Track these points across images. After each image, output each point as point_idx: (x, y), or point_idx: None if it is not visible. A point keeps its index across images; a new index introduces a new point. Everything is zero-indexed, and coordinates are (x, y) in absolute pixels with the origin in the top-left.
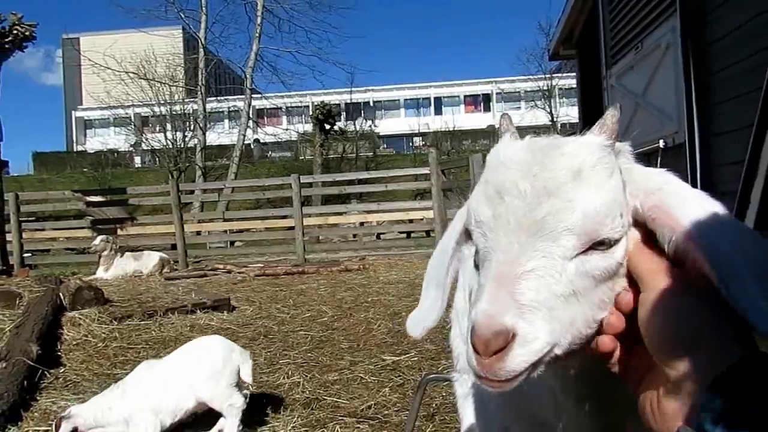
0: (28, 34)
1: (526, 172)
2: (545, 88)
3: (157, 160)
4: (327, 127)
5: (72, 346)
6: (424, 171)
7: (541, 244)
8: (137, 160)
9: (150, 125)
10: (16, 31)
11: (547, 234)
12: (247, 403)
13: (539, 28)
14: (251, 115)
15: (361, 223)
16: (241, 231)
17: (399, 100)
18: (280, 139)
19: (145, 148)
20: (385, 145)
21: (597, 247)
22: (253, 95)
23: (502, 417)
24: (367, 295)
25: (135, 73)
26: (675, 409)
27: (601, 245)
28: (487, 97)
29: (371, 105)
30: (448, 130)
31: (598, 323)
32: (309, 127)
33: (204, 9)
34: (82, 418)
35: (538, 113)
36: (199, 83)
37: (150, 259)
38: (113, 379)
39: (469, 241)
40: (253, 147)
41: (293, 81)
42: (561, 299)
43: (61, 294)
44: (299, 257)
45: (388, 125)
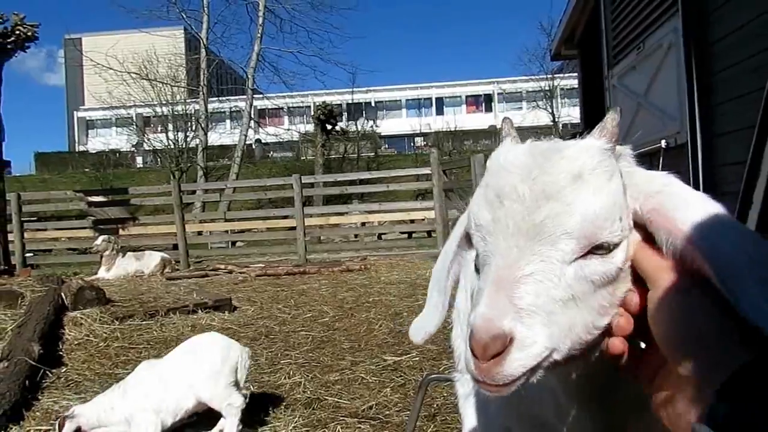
0: (30, 34)
1: (525, 175)
2: (547, 89)
3: (159, 160)
4: (328, 127)
5: (74, 346)
6: (426, 171)
7: (540, 248)
8: (139, 160)
9: (152, 125)
10: (18, 32)
11: (546, 238)
12: (246, 402)
13: (541, 28)
14: (253, 116)
15: (363, 224)
16: (243, 231)
17: (400, 101)
18: (281, 140)
19: (146, 149)
20: (386, 146)
21: (596, 251)
22: (254, 95)
23: (503, 418)
24: (369, 296)
25: (137, 73)
26: (687, 406)
27: (600, 249)
28: (488, 98)
29: (373, 105)
30: (449, 130)
31: (599, 330)
32: (310, 127)
33: (205, 9)
34: (86, 418)
35: (540, 114)
36: (201, 83)
37: (151, 259)
38: (115, 379)
39: (471, 245)
40: (254, 147)
41: (295, 81)
42: (560, 304)
43: (62, 294)
44: (300, 257)
45: (390, 125)
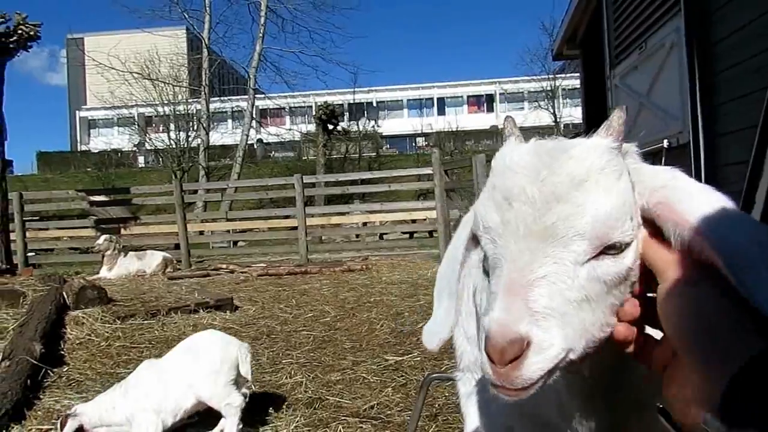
0: (32, 33)
1: (533, 176)
2: (549, 89)
3: (161, 159)
4: (330, 127)
5: (75, 345)
6: (427, 171)
7: (552, 250)
8: (141, 159)
9: (153, 125)
10: (20, 31)
11: (558, 240)
12: (246, 402)
13: (542, 28)
14: (254, 115)
15: (364, 224)
16: (244, 231)
17: (402, 101)
18: (283, 139)
19: (148, 148)
20: (388, 146)
21: (608, 251)
22: (256, 95)
23: (505, 417)
24: (370, 296)
25: (139, 73)
26: (698, 397)
27: (612, 249)
28: (490, 98)
29: (374, 105)
30: (451, 130)
31: (612, 327)
32: (312, 127)
33: (207, 9)
34: (87, 417)
35: (542, 114)
36: (203, 83)
37: (153, 259)
38: (116, 378)
39: (477, 246)
40: (256, 147)
41: (296, 81)
42: (574, 305)
43: (64, 293)
44: (302, 257)
45: (391, 125)
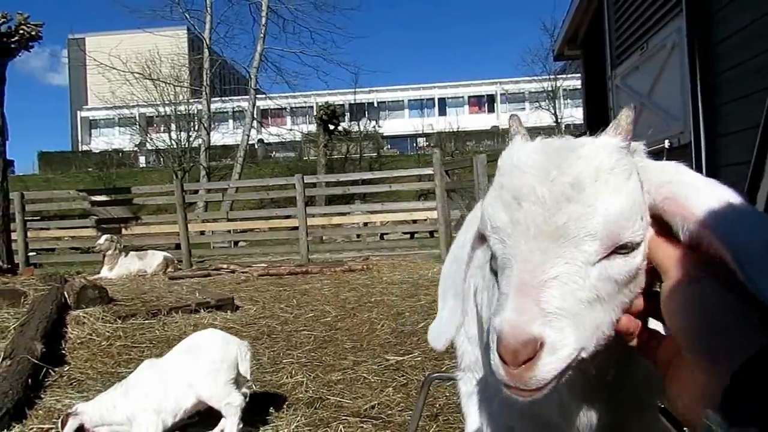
0: (34, 34)
1: (543, 176)
2: (550, 89)
3: (162, 160)
4: (331, 127)
5: (76, 345)
6: (428, 171)
7: (564, 251)
8: (142, 159)
9: (155, 125)
10: (22, 31)
11: (570, 240)
12: (246, 402)
13: (544, 28)
14: (255, 116)
15: (365, 224)
16: (245, 231)
17: (403, 101)
18: (284, 140)
19: (149, 148)
20: (388, 146)
21: (619, 251)
22: (257, 95)
23: (506, 416)
24: (371, 296)
25: (140, 73)
26: (700, 392)
27: (623, 249)
28: (491, 98)
29: (375, 105)
30: (452, 130)
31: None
32: (313, 127)
33: (209, 9)
34: (88, 416)
35: (543, 114)
36: (204, 83)
37: (154, 259)
38: (117, 378)
39: (483, 246)
40: (257, 147)
41: (297, 81)
42: (585, 304)
43: (65, 293)
44: (303, 257)
45: (392, 126)
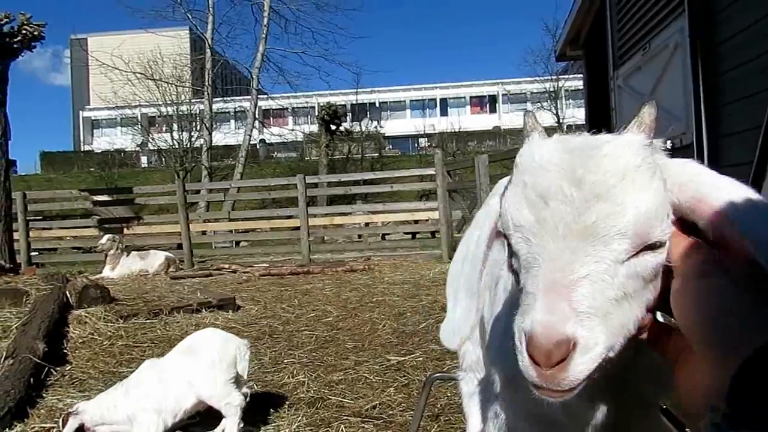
0: (36, 34)
1: (570, 174)
2: (551, 90)
3: (164, 159)
4: (333, 127)
5: (78, 344)
6: (430, 172)
7: (593, 249)
8: (144, 159)
9: (157, 125)
10: (24, 31)
11: (599, 239)
12: (247, 402)
13: (546, 29)
14: (257, 116)
15: (367, 224)
16: (247, 231)
17: (405, 101)
18: (285, 140)
19: (151, 148)
20: (390, 146)
21: (647, 249)
22: (259, 96)
23: (508, 416)
24: (372, 296)
25: (142, 73)
26: (708, 386)
27: (651, 247)
28: (493, 99)
29: (377, 106)
30: (453, 131)
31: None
32: (315, 127)
33: (211, 10)
34: (89, 415)
35: (545, 115)
36: (206, 84)
37: (156, 259)
38: (118, 377)
39: (498, 245)
40: (258, 147)
41: (299, 82)
42: (613, 303)
43: (67, 292)
44: (304, 257)
45: (394, 126)
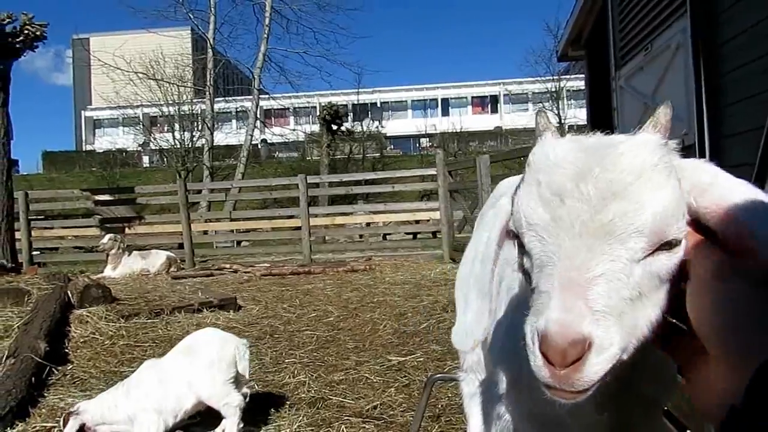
0: (38, 34)
1: (585, 173)
2: (553, 90)
3: (165, 159)
4: (334, 127)
5: (79, 344)
6: (431, 172)
7: (609, 248)
8: (145, 159)
9: (158, 125)
10: (27, 31)
11: (616, 237)
12: (246, 402)
13: (547, 29)
14: (259, 116)
15: (368, 224)
16: (248, 231)
17: (406, 101)
18: (287, 140)
19: (153, 148)
20: (392, 146)
21: (663, 248)
22: (260, 96)
23: (510, 416)
24: (373, 296)
25: (144, 73)
26: (724, 390)
27: (667, 246)
28: (494, 99)
29: (378, 106)
30: (455, 131)
31: (657, 323)
32: (316, 127)
33: (213, 10)
34: (90, 415)
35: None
36: (208, 84)
37: (157, 258)
38: (120, 377)
39: (508, 245)
40: (260, 147)
41: (301, 81)
42: (628, 302)
43: (69, 292)
44: (305, 257)
45: (395, 126)
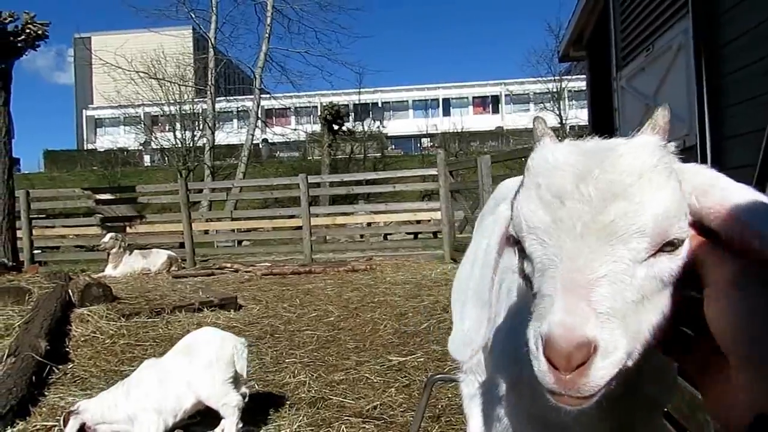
0: (40, 33)
1: (585, 175)
2: (554, 90)
3: (167, 159)
4: (335, 127)
5: (80, 343)
6: (432, 172)
7: (611, 249)
8: (147, 158)
9: (159, 124)
10: (28, 30)
11: (618, 237)
12: (246, 402)
13: (549, 29)
14: (260, 115)
15: (369, 224)
16: (249, 230)
17: (407, 101)
18: (288, 139)
19: (154, 147)
20: (393, 146)
21: (665, 248)
22: (262, 95)
23: (511, 420)
24: (374, 296)
25: (145, 72)
26: (745, 399)
27: (669, 246)
28: (495, 99)
29: (379, 106)
30: (456, 131)
31: (660, 329)
32: (317, 127)
33: (214, 9)
34: (90, 414)
35: (547, 115)
36: (209, 83)
37: (158, 257)
38: (120, 376)
39: (508, 252)
40: (261, 147)
41: (302, 81)
42: (631, 305)
43: (70, 291)
44: (306, 257)
45: (397, 126)
